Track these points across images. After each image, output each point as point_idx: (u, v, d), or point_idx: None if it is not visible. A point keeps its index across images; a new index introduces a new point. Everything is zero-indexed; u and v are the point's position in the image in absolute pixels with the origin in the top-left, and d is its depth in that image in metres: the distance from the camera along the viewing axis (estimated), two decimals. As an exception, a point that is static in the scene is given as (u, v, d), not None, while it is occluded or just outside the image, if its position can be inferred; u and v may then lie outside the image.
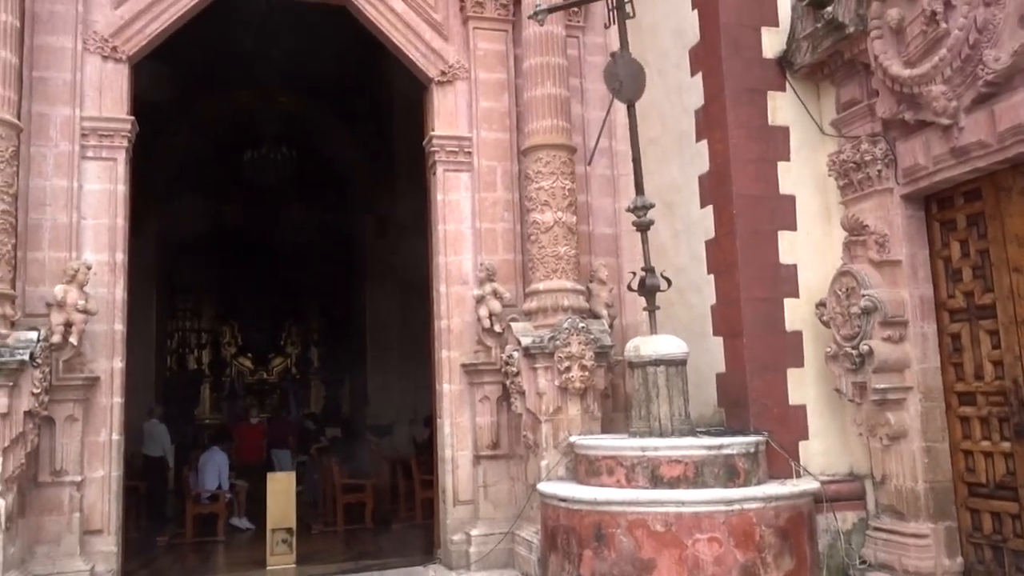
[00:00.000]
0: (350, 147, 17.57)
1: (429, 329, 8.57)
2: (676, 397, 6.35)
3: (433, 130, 8.41)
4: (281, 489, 9.29)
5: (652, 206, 6.84)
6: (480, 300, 7.91)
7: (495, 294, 7.86)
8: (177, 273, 19.35)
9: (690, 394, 6.48)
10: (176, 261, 18.30)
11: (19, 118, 6.77)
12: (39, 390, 6.34)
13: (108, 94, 7.50)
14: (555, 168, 7.67)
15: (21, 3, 6.93)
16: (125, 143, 7.49)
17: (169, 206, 15.52)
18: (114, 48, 7.54)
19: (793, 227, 7.00)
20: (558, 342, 7.19)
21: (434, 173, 8.41)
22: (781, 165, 7.07)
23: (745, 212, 6.94)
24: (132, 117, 7.57)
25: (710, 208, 7.35)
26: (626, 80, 6.85)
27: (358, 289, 18.85)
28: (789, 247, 6.98)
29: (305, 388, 22.71)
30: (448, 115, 8.42)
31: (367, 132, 16.67)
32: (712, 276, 7.31)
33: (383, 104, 14.55)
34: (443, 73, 8.43)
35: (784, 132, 7.11)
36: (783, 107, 7.14)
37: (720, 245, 7.16)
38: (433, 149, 8.38)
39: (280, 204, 18.01)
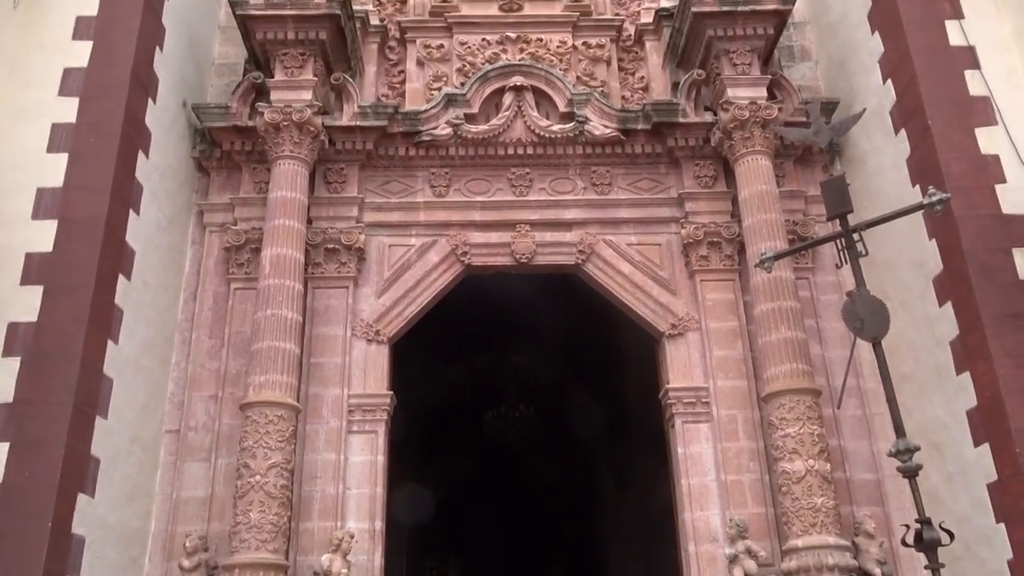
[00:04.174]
0: (584, 400, 17.90)
1: (680, 591, 8.06)
2: (985, 677, 5.37)
3: (668, 383, 8.44)
4: None
5: (917, 448, 6.20)
6: (733, 560, 7.38)
7: (749, 553, 7.33)
8: (424, 532, 19.86)
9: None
10: (422, 519, 18.87)
11: (298, 400, 7.65)
12: (305, 662, 6.56)
13: (371, 373, 8.34)
14: (800, 413, 7.35)
15: (304, 301, 8.10)
16: (385, 416, 8.19)
17: (415, 466, 16.32)
18: (377, 332, 8.48)
19: (1097, 462, 6.11)
20: (829, 608, 6.46)
21: (672, 426, 8.32)
22: (1066, 393, 6.36)
23: (1032, 450, 6.18)
24: (391, 392, 8.31)
25: (986, 447, 6.68)
26: (867, 317, 6.57)
27: (599, 543, 18.31)
28: (1097, 487, 6.05)
29: (551, 648, 21.58)
30: (682, 366, 8.46)
31: (600, 385, 16.99)
32: (1003, 525, 6.44)
33: (614, 357, 14.88)
34: (673, 326, 8.59)
35: (1062, 356, 6.46)
36: (1055, 330, 6.53)
37: (1007, 489, 6.37)
38: (669, 401, 8.35)
39: (520, 458, 18.40)
